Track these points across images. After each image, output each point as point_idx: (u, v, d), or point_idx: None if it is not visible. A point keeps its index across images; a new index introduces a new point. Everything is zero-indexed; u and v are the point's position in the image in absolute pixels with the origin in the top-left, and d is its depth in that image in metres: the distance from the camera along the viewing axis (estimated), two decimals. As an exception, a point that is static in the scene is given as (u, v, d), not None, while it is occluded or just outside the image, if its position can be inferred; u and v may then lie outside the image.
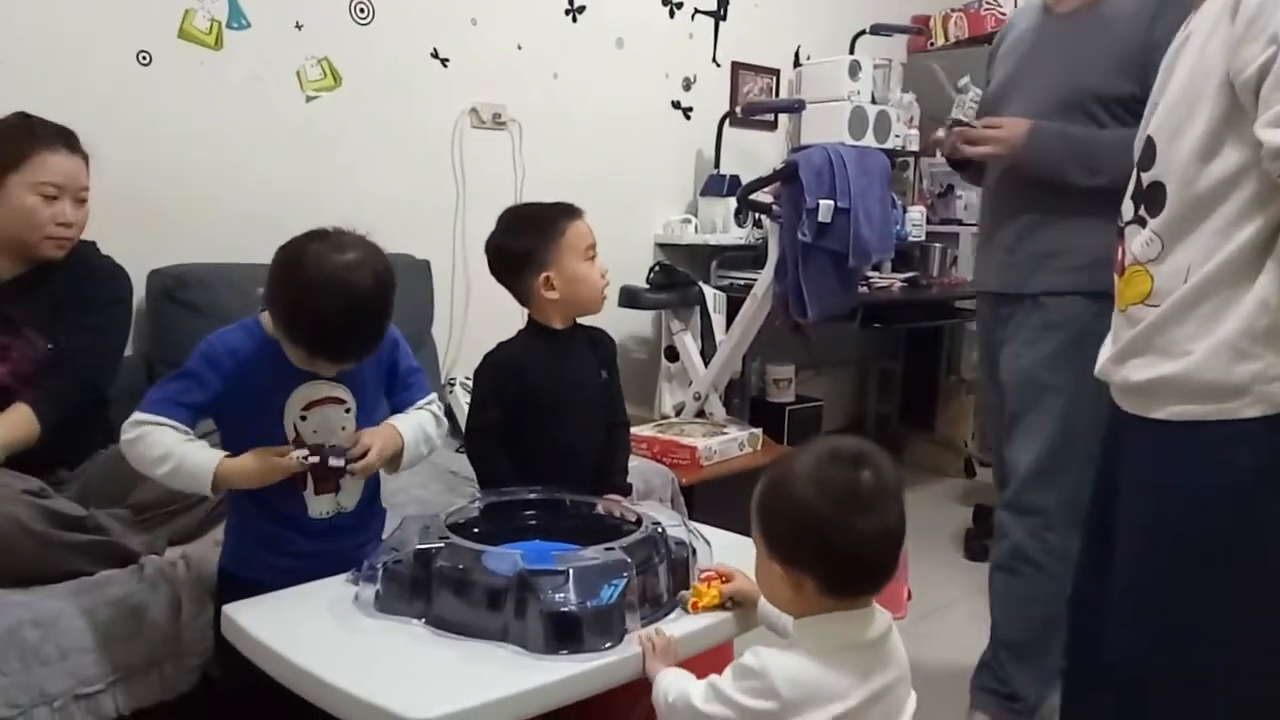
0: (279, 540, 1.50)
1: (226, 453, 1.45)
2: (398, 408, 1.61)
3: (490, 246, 1.76)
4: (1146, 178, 1.25)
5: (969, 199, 3.95)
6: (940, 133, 2.08)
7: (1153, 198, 1.24)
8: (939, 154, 2.22)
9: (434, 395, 1.65)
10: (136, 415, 1.43)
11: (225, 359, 1.45)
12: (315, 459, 1.45)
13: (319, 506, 1.52)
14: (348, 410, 1.52)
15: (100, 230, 2.30)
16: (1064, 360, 1.94)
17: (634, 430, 2.78)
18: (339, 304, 1.37)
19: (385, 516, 1.64)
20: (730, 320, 3.23)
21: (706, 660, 1.95)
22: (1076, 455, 1.92)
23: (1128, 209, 1.30)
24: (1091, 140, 1.88)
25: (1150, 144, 1.25)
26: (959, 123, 2.03)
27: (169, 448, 1.41)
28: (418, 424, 1.59)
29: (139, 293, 2.36)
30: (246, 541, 1.53)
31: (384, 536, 1.52)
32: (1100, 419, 1.43)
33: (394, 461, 1.56)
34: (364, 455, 1.49)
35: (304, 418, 1.48)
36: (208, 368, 1.45)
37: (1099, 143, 1.87)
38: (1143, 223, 1.25)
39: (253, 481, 1.45)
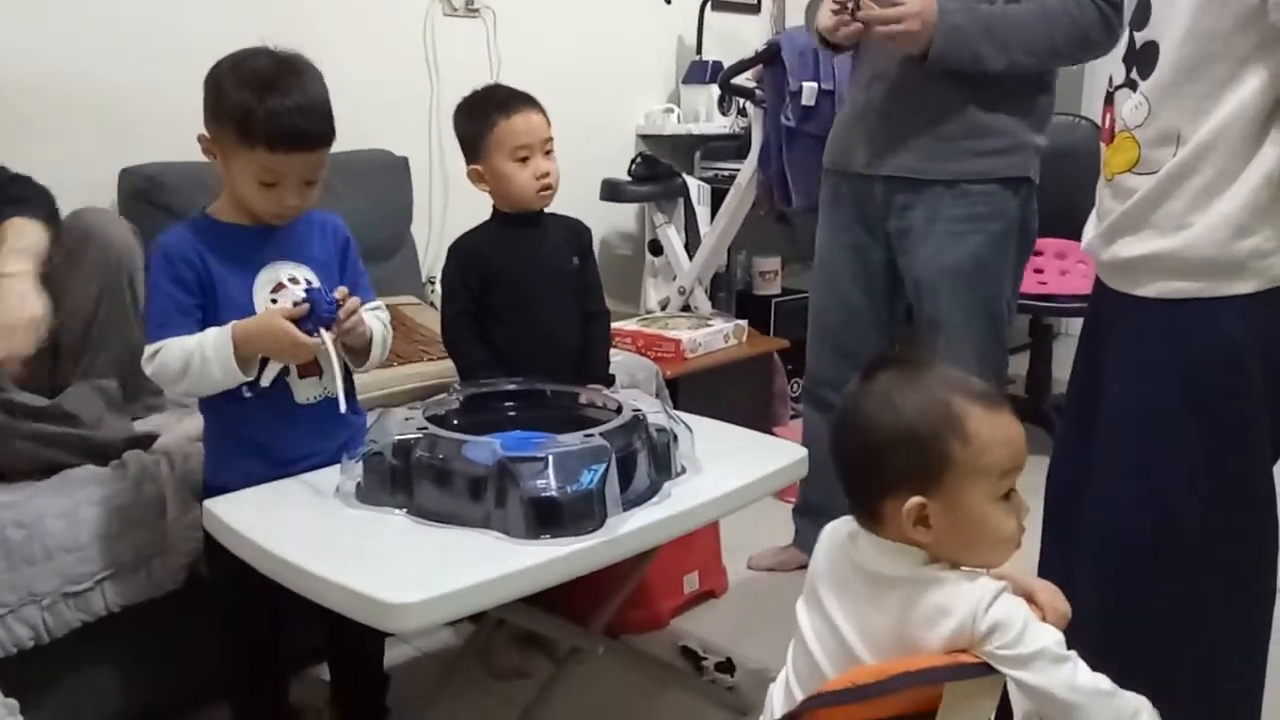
0: (263, 444, 1.47)
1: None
2: None
3: None
4: (1140, 37, 1.21)
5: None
6: (825, 12, 1.83)
7: (1145, 58, 1.19)
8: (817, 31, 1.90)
9: (380, 303, 1.60)
10: (146, 349, 1.40)
11: (183, 252, 1.42)
12: (306, 304, 1.39)
13: (305, 391, 1.49)
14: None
15: (66, 129, 2.25)
16: (991, 259, 1.87)
17: (618, 325, 2.77)
18: (265, 59, 1.38)
19: (366, 419, 1.62)
20: (715, 212, 3.18)
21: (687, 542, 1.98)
22: (1002, 367, 1.92)
23: (1118, 72, 1.25)
24: (1001, 18, 1.75)
25: (1145, 1, 1.20)
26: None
27: (184, 349, 1.38)
28: (380, 323, 1.55)
29: (108, 194, 2.32)
30: (227, 449, 1.50)
31: None
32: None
33: (363, 353, 1.53)
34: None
35: (274, 300, 1.45)
36: (173, 266, 1.41)
37: (1010, 21, 1.75)
38: (1134, 86, 1.21)
39: (266, 337, 1.38)
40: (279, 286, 1.46)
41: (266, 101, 1.35)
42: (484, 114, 1.69)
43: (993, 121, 1.85)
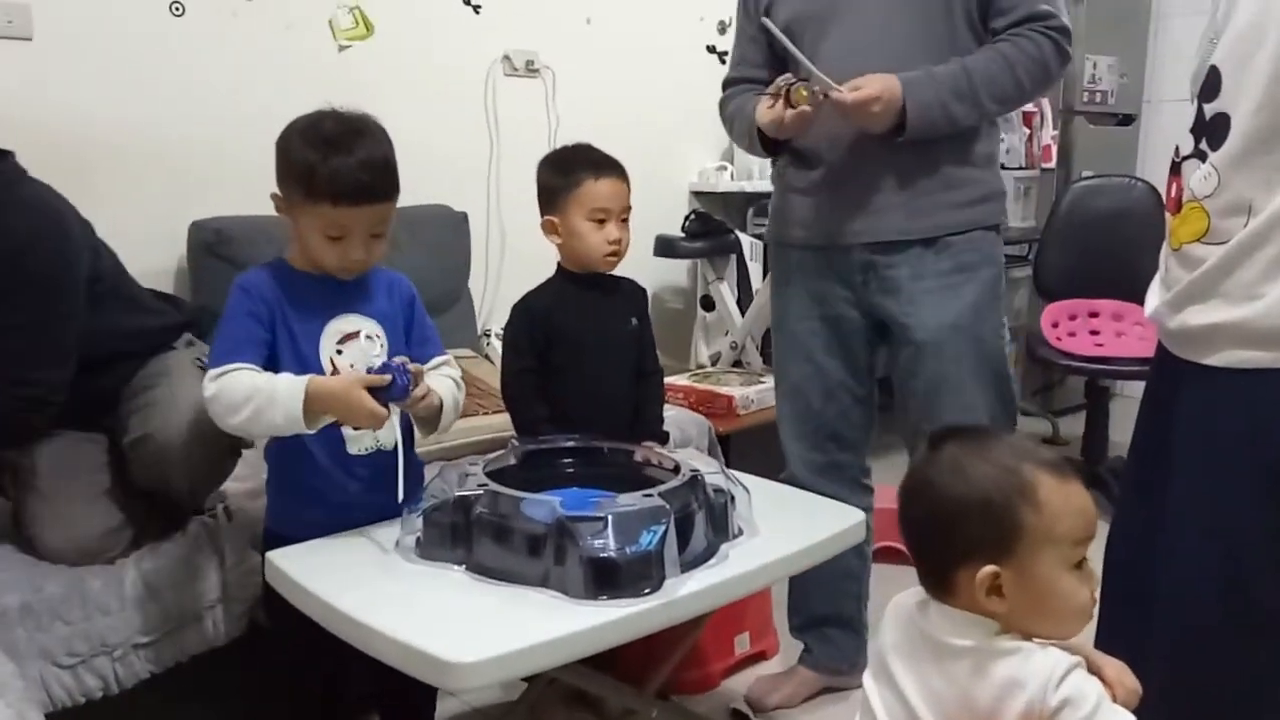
0: (321, 492, 1.49)
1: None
2: (416, 360, 1.57)
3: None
4: (1210, 109, 1.20)
5: (1011, 142, 3.85)
6: (762, 109, 1.72)
7: (1215, 129, 1.18)
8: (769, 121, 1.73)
9: (450, 357, 1.62)
10: (210, 372, 1.41)
11: (261, 290, 1.45)
12: (387, 376, 1.41)
13: (359, 443, 1.50)
14: (381, 346, 1.51)
15: (137, 184, 2.33)
16: (988, 306, 1.82)
17: (670, 380, 2.78)
18: (331, 121, 1.43)
19: (423, 470, 1.62)
20: (766, 268, 3.19)
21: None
22: (1012, 409, 1.85)
23: (1186, 143, 1.25)
24: (964, 74, 1.71)
25: (1215, 73, 1.20)
26: (801, 87, 1.65)
27: (253, 384, 1.39)
28: (450, 387, 1.55)
29: (178, 247, 2.38)
30: (288, 498, 1.53)
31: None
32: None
33: (431, 422, 1.53)
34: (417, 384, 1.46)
35: (339, 351, 1.48)
36: (249, 301, 1.44)
37: (975, 75, 1.71)
38: (1203, 156, 1.20)
39: (339, 402, 1.39)
40: (346, 338, 1.49)
41: (330, 159, 1.40)
42: (572, 170, 1.72)
43: (966, 173, 1.80)
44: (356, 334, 1.49)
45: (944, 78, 1.70)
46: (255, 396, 1.38)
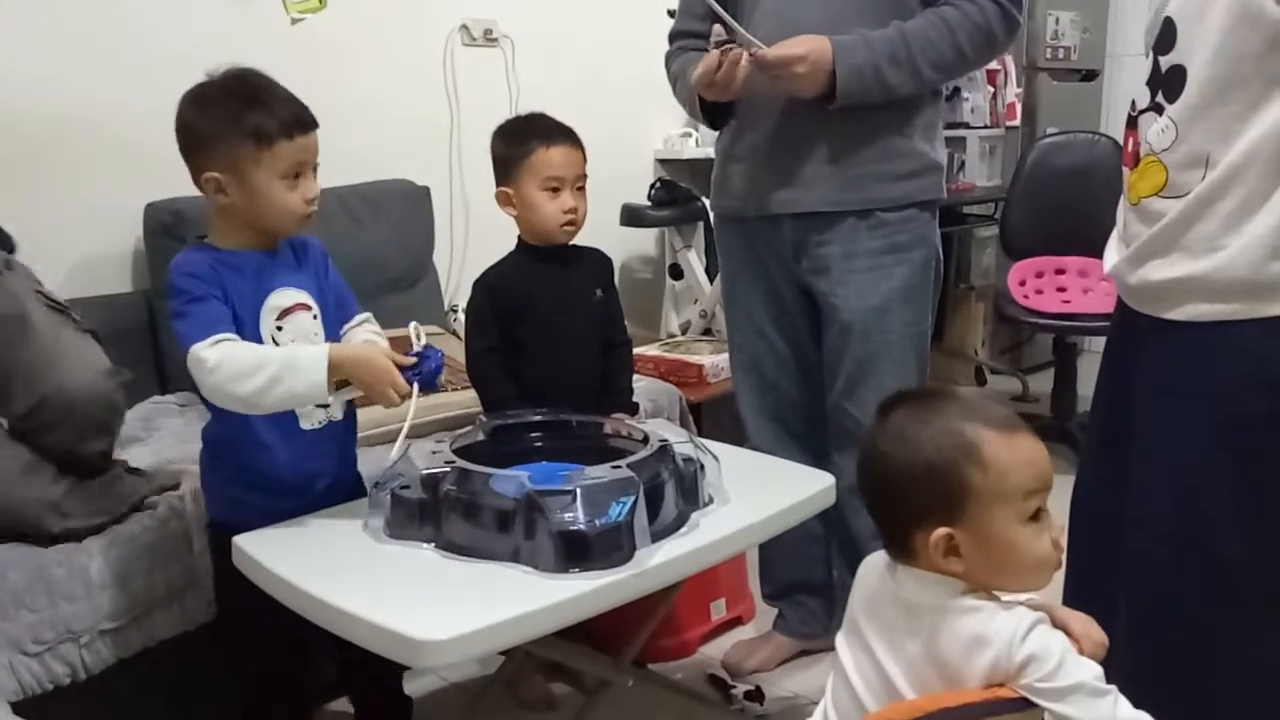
0: (266, 472, 1.45)
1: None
2: (342, 320, 1.57)
3: None
4: (1165, 61, 1.20)
5: (976, 101, 3.85)
6: (697, 72, 1.67)
7: (1171, 82, 1.18)
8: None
9: (369, 315, 1.60)
10: (201, 343, 1.35)
11: (204, 272, 1.41)
12: (419, 371, 1.42)
13: (310, 417, 1.48)
14: (315, 317, 1.49)
15: (91, 164, 2.28)
16: (918, 289, 1.79)
17: (639, 350, 2.77)
18: (230, 79, 1.45)
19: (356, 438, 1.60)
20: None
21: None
22: None
23: (1142, 96, 1.25)
24: (901, 40, 1.65)
25: (1170, 25, 1.19)
26: (726, 43, 1.61)
27: (263, 352, 1.37)
28: (377, 338, 1.53)
29: (134, 229, 2.34)
30: (229, 484, 1.49)
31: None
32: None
33: None
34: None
35: (280, 328, 1.45)
36: (203, 283, 1.40)
37: (913, 41, 1.65)
38: (1160, 110, 1.20)
39: (364, 370, 1.39)
40: (283, 314, 1.45)
41: (268, 101, 1.42)
42: (524, 139, 1.69)
43: (903, 144, 1.75)
44: (292, 308, 1.46)
45: (879, 42, 1.65)
46: (268, 365, 1.35)
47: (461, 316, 2.74)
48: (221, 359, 1.35)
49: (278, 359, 1.36)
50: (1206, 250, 1.17)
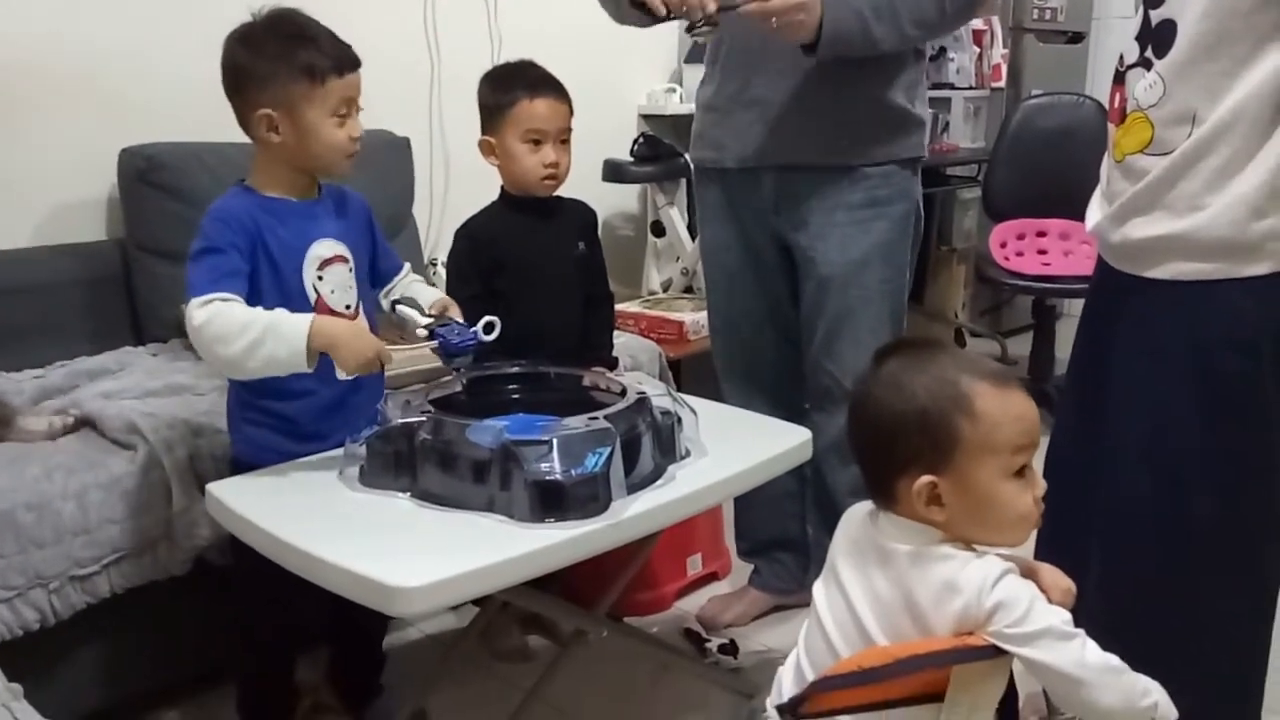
0: (292, 417, 1.47)
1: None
2: (384, 276, 1.62)
3: None
4: (1155, 15, 1.19)
5: (961, 62, 3.83)
6: None
7: (1161, 37, 1.17)
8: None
9: (408, 265, 1.64)
10: (196, 300, 1.34)
11: (238, 221, 1.40)
12: (435, 341, 1.45)
13: None
14: (350, 270, 1.50)
15: (63, 109, 2.24)
16: (897, 244, 1.79)
17: (621, 307, 2.76)
18: (278, 17, 1.45)
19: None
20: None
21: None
22: None
23: (1130, 51, 1.23)
24: None
25: None
26: None
27: (250, 315, 1.35)
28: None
29: (108, 176, 2.29)
30: (259, 426, 1.49)
31: None
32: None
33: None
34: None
35: (321, 278, 1.46)
36: (230, 232, 1.39)
37: None
38: (1148, 65, 1.19)
39: (348, 345, 1.37)
40: (324, 264, 1.47)
41: (317, 39, 1.43)
42: (509, 88, 1.67)
43: (886, 100, 1.74)
44: (332, 259, 1.47)
45: None
46: (250, 328, 1.33)
47: (442, 270, 2.72)
48: (209, 319, 1.34)
49: (261, 323, 1.35)
50: (1189, 209, 1.17)
